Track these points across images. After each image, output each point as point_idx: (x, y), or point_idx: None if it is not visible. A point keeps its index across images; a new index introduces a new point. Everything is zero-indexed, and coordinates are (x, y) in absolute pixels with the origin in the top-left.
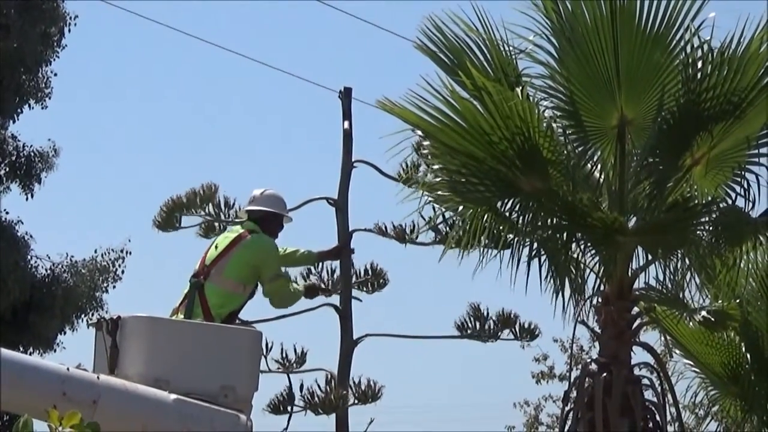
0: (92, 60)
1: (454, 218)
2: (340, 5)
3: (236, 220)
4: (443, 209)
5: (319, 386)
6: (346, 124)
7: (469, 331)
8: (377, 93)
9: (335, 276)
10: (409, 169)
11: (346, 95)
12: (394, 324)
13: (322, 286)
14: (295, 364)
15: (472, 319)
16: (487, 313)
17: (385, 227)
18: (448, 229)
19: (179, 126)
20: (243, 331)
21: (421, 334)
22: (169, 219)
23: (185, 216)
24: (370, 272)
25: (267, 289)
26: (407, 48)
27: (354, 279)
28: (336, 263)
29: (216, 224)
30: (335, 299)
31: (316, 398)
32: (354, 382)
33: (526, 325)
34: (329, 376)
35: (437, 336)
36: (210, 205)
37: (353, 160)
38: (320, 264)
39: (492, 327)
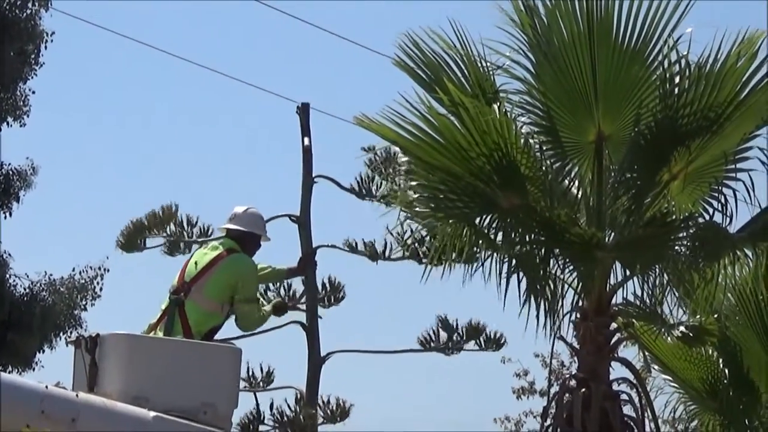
0: (70, 77)
1: (427, 235)
2: (318, 21)
3: (211, 238)
4: (419, 225)
5: (288, 405)
6: (306, 140)
7: (432, 344)
8: (354, 109)
9: (292, 292)
10: (367, 183)
11: (303, 111)
12: (365, 339)
13: (290, 304)
14: (262, 383)
15: (438, 331)
16: (457, 325)
17: (356, 244)
18: (417, 245)
19: (157, 142)
20: (222, 348)
21: (391, 348)
22: (131, 241)
23: (149, 237)
24: (327, 286)
25: (240, 310)
26: (385, 64)
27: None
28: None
29: (180, 243)
30: (301, 316)
31: (285, 417)
32: (323, 401)
33: (492, 335)
34: (298, 395)
35: (400, 350)
36: (171, 224)
37: (314, 175)
38: (280, 283)
39: (457, 339)
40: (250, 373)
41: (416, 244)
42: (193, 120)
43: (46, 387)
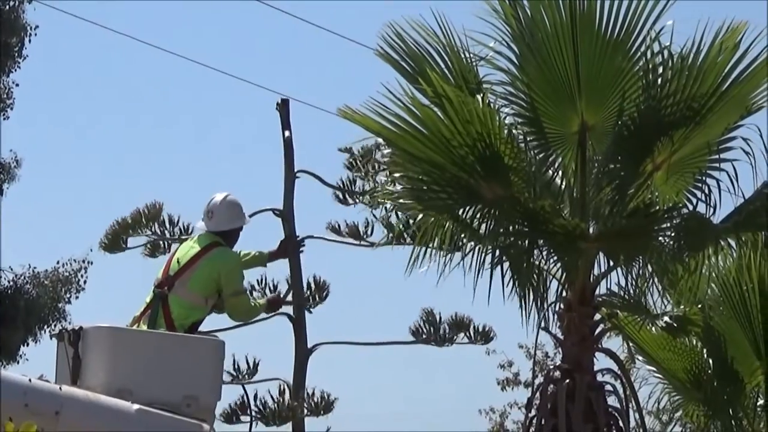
0: (54, 70)
1: (411, 222)
2: (300, 13)
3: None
4: (405, 215)
5: (272, 397)
6: (287, 133)
7: (424, 336)
8: (338, 100)
9: (277, 288)
10: (349, 186)
11: (283, 106)
12: (351, 330)
13: (286, 299)
14: (247, 375)
15: (426, 324)
16: (440, 318)
17: (338, 226)
18: (402, 227)
19: (142, 135)
20: (205, 341)
21: (378, 340)
22: (115, 241)
23: (132, 237)
24: (313, 285)
25: (228, 304)
26: (368, 55)
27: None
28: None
29: (162, 243)
30: (288, 308)
31: (268, 409)
32: (308, 394)
33: (480, 328)
34: (282, 386)
35: (392, 342)
36: (155, 224)
37: (296, 170)
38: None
39: (446, 331)
40: (236, 366)
41: (401, 227)
42: (177, 113)
43: (30, 380)
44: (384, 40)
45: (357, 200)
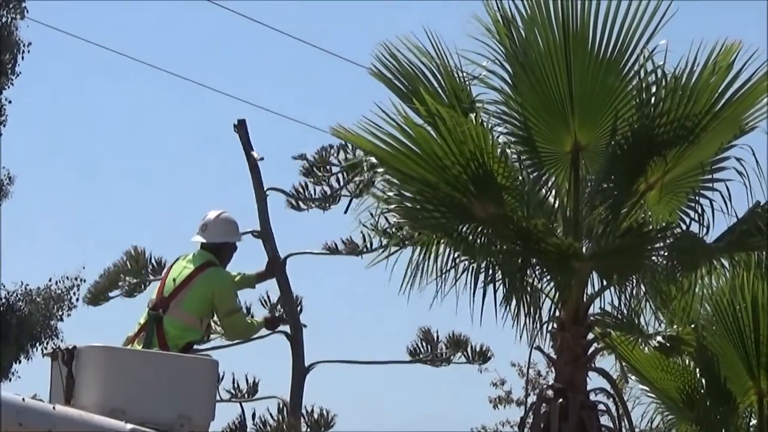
0: (47, 87)
1: (405, 235)
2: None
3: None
4: (400, 228)
5: (271, 415)
6: (255, 155)
7: (421, 356)
8: (331, 119)
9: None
10: (303, 191)
11: (241, 127)
12: (348, 349)
13: (283, 317)
14: (247, 394)
15: (423, 343)
16: (437, 337)
17: (335, 245)
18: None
19: (135, 153)
20: (199, 360)
21: (374, 359)
22: (100, 296)
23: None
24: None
25: (224, 324)
26: (361, 74)
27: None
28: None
29: (142, 284)
30: (285, 326)
31: (268, 427)
32: (306, 411)
33: (477, 348)
34: (281, 404)
35: (390, 361)
36: (140, 272)
37: (266, 188)
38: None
39: (444, 351)
40: (235, 384)
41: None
42: (169, 130)
43: (23, 399)
44: (377, 59)
45: (311, 206)
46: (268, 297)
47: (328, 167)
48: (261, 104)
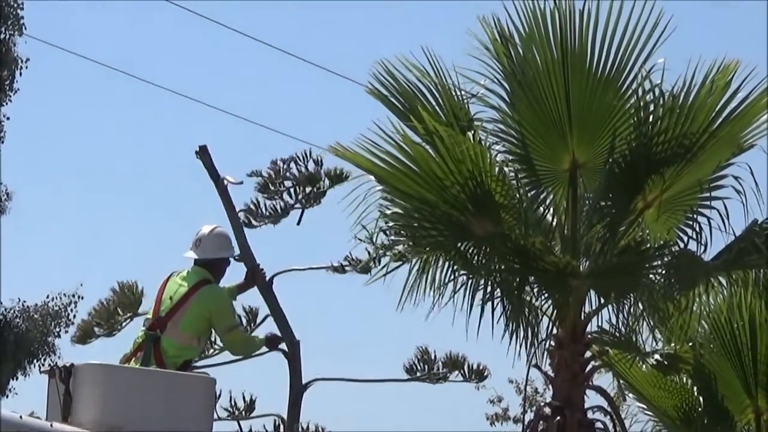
0: (45, 104)
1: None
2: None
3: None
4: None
5: None
6: (226, 180)
7: (418, 374)
8: (329, 137)
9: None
10: (255, 209)
11: (203, 153)
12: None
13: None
14: (244, 412)
15: (420, 362)
16: (435, 356)
17: (341, 265)
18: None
19: (132, 170)
20: (196, 378)
21: (371, 377)
22: (89, 334)
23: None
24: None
25: (224, 341)
26: (359, 92)
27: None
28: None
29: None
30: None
31: None
32: (302, 429)
33: (475, 366)
34: (277, 422)
35: (387, 379)
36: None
37: (237, 210)
38: None
39: (441, 369)
40: (233, 402)
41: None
42: (169, 145)
43: (21, 417)
44: (375, 77)
45: (264, 222)
46: (251, 313)
47: (281, 182)
48: (260, 122)
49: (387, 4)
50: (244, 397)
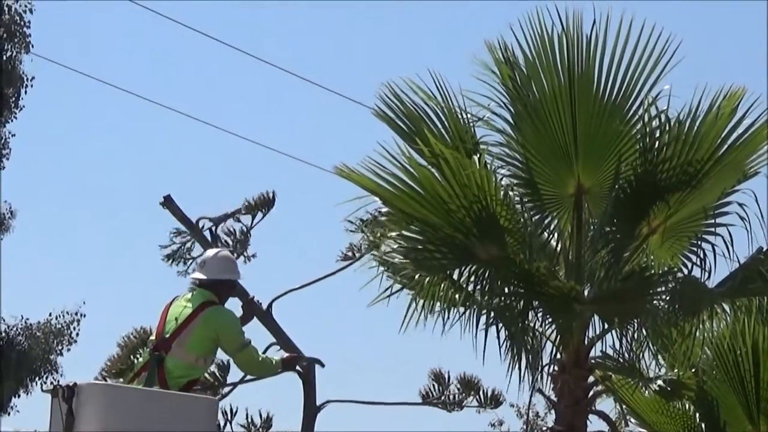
0: (50, 121)
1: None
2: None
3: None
4: (398, 278)
5: None
6: (202, 224)
7: (432, 398)
8: (334, 159)
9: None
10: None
11: (168, 203)
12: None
13: (302, 357)
14: (261, 429)
15: (435, 385)
16: (449, 379)
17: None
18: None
19: (135, 188)
20: (199, 399)
21: (385, 399)
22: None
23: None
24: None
25: (237, 361)
26: (365, 115)
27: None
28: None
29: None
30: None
31: None
32: None
33: (489, 392)
34: None
35: (401, 402)
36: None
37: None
38: None
39: (456, 394)
40: (249, 419)
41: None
42: (173, 165)
43: None
44: (381, 99)
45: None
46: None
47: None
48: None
49: (395, 27)
50: (260, 414)
